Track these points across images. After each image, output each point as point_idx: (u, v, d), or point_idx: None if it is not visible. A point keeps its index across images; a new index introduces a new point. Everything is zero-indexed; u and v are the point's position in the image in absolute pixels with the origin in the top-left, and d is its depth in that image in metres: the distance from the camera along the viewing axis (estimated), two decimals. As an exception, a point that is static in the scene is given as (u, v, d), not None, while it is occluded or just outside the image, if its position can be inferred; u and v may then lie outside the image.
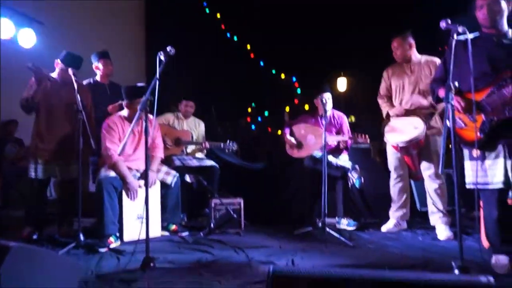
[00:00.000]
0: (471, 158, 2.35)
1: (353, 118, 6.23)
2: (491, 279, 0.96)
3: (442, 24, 2.14)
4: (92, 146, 2.98)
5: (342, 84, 7.19)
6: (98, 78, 3.75)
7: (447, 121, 2.06)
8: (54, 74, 3.29)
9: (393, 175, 3.51)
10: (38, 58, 3.50)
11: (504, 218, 2.30)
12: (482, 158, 2.28)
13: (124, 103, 3.30)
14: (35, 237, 3.20)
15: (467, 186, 2.37)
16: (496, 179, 2.24)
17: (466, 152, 2.40)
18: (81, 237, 2.85)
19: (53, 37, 4.83)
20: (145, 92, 3.22)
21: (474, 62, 2.07)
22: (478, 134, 2.22)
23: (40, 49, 4.71)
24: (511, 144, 2.22)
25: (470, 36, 2.14)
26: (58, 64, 3.26)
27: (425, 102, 3.27)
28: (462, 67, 2.12)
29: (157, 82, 2.37)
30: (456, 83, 2.09)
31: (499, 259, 2.28)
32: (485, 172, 2.28)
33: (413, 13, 5.32)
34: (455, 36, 2.09)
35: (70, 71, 2.98)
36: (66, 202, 3.37)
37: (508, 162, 2.22)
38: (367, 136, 3.62)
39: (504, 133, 2.21)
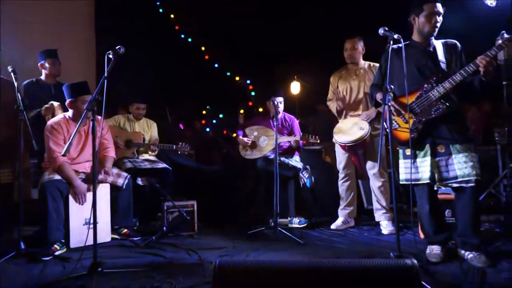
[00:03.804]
0: (405, 157, 2.55)
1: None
2: (415, 261, 1.06)
3: (380, 31, 2.30)
4: (34, 147, 2.83)
5: (295, 87, 7.40)
6: (43, 77, 3.57)
7: (384, 123, 2.22)
8: None
9: (341, 174, 3.68)
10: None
11: (436, 211, 2.52)
12: (414, 156, 2.48)
13: (67, 102, 3.15)
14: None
15: (401, 182, 2.57)
16: (425, 175, 2.44)
17: (400, 151, 2.60)
18: (22, 246, 2.69)
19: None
20: (88, 88, 3.12)
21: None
22: (411, 134, 2.41)
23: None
24: (434, 143, 2.44)
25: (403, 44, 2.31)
26: None
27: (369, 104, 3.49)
28: (395, 73, 2.28)
29: (105, 81, 2.30)
30: (392, 86, 2.26)
31: (433, 249, 2.49)
32: (417, 169, 2.48)
33: (359, 20, 5.61)
34: (391, 42, 2.26)
35: (9, 68, 2.82)
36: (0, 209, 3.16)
37: (433, 160, 2.43)
38: (317, 137, 3.76)
39: (430, 132, 2.42)
